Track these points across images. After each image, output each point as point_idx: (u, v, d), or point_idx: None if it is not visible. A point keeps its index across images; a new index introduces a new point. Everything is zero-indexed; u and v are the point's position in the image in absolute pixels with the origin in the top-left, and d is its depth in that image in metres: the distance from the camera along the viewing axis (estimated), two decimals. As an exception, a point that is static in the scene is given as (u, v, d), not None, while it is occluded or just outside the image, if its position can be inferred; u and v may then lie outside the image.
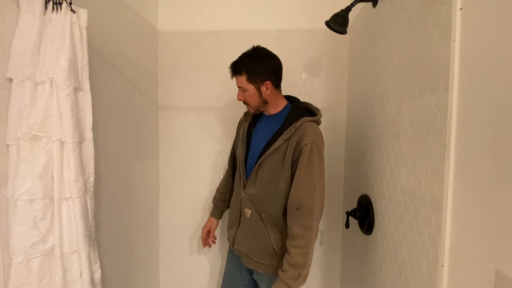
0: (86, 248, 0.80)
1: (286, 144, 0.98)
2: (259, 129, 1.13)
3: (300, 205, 0.94)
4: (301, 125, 0.98)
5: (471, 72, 0.58)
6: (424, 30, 0.74)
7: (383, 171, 0.98)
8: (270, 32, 1.50)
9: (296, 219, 0.95)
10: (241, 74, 1.05)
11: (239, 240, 1.11)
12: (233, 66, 1.08)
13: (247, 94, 1.06)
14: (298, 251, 0.93)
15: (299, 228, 0.94)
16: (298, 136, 0.96)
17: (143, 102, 1.41)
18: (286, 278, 0.92)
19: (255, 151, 1.08)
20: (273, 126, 1.06)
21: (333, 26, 1.08)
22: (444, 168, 0.64)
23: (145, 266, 1.46)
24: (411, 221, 0.78)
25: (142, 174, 1.40)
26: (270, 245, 1.03)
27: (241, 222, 1.11)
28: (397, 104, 0.89)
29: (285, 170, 0.98)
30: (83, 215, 0.78)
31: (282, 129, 1.01)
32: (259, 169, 1.04)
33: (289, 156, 0.97)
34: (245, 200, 1.08)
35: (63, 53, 0.74)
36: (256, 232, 1.06)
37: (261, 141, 1.07)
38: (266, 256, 1.04)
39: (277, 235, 1.03)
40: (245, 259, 1.10)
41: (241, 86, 1.06)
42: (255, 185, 1.05)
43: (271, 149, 1.00)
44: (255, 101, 1.07)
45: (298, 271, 0.92)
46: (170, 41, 1.55)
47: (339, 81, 1.49)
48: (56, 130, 0.75)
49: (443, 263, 0.64)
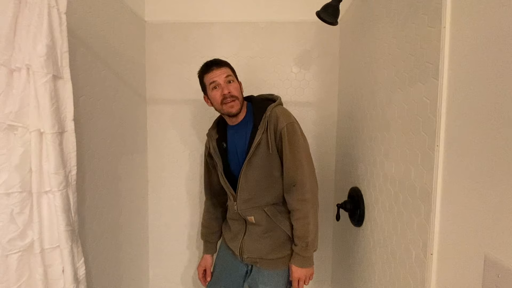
0: (68, 243, 0.76)
1: (265, 135, 1.01)
2: (231, 139, 1.10)
3: (294, 182, 1.00)
4: (270, 113, 1.02)
5: (461, 59, 0.58)
6: (414, 18, 0.73)
7: (373, 163, 0.98)
8: (260, 24, 1.48)
9: (291, 194, 1.01)
10: (226, 66, 1.06)
11: (248, 247, 1.07)
12: (216, 61, 1.06)
13: (234, 86, 1.04)
14: (299, 223, 0.99)
15: (295, 202, 1.00)
16: (272, 123, 1.01)
17: (130, 95, 1.37)
18: (298, 250, 1.00)
19: (236, 160, 1.08)
20: (245, 129, 1.07)
21: (324, 17, 1.07)
22: (433, 156, 0.63)
23: (134, 262, 1.43)
24: (401, 211, 0.78)
25: (129, 169, 1.36)
26: (282, 234, 1.05)
27: (248, 230, 1.09)
28: (387, 94, 0.88)
29: (274, 158, 1.02)
30: (65, 209, 0.75)
31: (256, 125, 1.03)
32: (246, 171, 1.03)
33: (272, 144, 1.01)
34: (242, 211, 1.06)
35: (41, 39, 0.70)
36: (266, 230, 1.05)
37: (239, 147, 1.07)
38: (278, 249, 1.05)
39: (285, 221, 1.05)
40: (260, 263, 1.06)
41: (229, 75, 1.04)
42: (248, 188, 1.04)
43: (253, 146, 1.01)
44: (240, 95, 1.06)
45: (305, 241, 0.99)
46: (158, 32, 1.51)
47: (330, 74, 1.48)
48: (34, 120, 0.71)
49: (432, 251, 0.64)
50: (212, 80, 1.03)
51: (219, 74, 1.03)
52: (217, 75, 1.03)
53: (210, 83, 1.04)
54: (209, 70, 1.04)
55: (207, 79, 1.05)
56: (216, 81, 1.03)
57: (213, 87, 1.04)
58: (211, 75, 1.04)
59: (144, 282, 1.57)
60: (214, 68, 1.04)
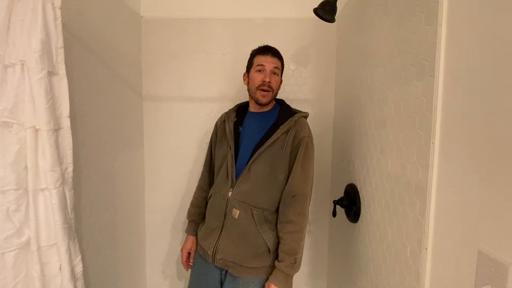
0: (65, 241, 0.76)
1: (284, 136, 1.02)
2: (248, 127, 1.11)
3: (295, 193, 0.99)
4: (298, 119, 1.05)
5: (457, 57, 0.58)
6: (411, 16, 0.74)
7: (370, 160, 0.99)
8: (257, 21, 1.47)
9: (291, 206, 0.99)
10: (279, 59, 1.09)
11: (222, 248, 1.00)
12: (275, 49, 1.09)
13: (276, 80, 1.08)
14: (292, 237, 0.97)
15: (294, 215, 0.98)
16: (296, 129, 1.03)
17: (126, 91, 1.36)
18: (283, 267, 0.95)
19: (247, 148, 1.06)
20: (265, 122, 1.08)
21: (321, 14, 1.07)
22: (429, 153, 0.64)
23: (131, 260, 1.43)
24: (397, 207, 0.79)
25: (126, 166, 1.36)
26: (263, 244, 0.99)
27: (225, 226, 1.02)
28: (384, 92, 0.89)
29: (283, 161, 1.01)
30: (61, 207, 0.74)
31: (278, 123, 1.05)
32: (254, 162, 1.01)
33: (287, 147, 1.01)
34: (234, 200, 1.01)
35: (35, 34, 0.69)
36: (245, 234, 0.99)
37: (253, 137, 1.07)
38: (257, 258, 0.99)
39: (270, 232, 1.00)
40: (233, 268, 1.00)
41: (277, 68, 1.08)
42: (248, 180, 1.01)
43: (269, 141, 1.01)
44: (277, 90, 1.10)
45: (294, 257, 0.95)
46: (154, 28, 1.49)
47: (327, 72, 1.49)
48: (29, 117, 0.70)
49: (427, 246, 0.65)
50: (261, 63, 1.06)
51: (270, 62, 1.06)
52: (268, 62, 1.06)
53: (258, 65, 1.07)
54: (264, 53, 1.07)
55: (258, 60, 1.08)
56: (264, 65, 1.06)
57: (259, 69, 1.07)
58: (263, 59, 1.06)
59: (142, 279, 1.57)
60: (270, 55, 1.07)
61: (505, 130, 0.46)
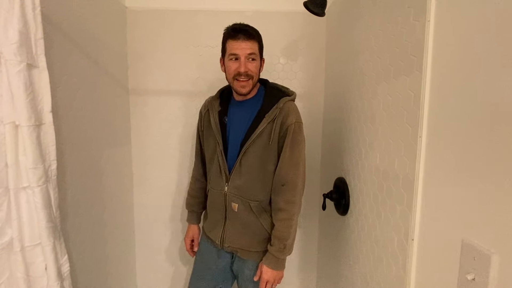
0: (50, 240, 0.74)
1: (270, 125, 0.98)
2: (233, 116, 1.06)
3: (285, 182, 0.98)
4: (283, 105, 0.99)
5: (445, 53, 0.59)
6: (400, 11, 0.74)
7: (359, 153, 1.01)
8: (247, 13, 1.45)
9: (281, 194, 0.99)
10: (255, 40, 0.97)
11: (229, 237, 1.05)
12: (247, 29, 0.97)
13: (254, 66, 0.97)
14: (282, 224, 0.98)
15: (283, 203, 0.98)
16: (282, 116, 0.98)
17: (112, 85, 1.31)
18: (273, 251, 0.99)
19: (235, 140, 1.03)
20: (250, 110, 1.03)
21: (311, 8, 1.06)
22: (416, 147, 0.66)
23: (120, 257, 1.41)
24: (385, 200, 0.81)
25: (113, 162, 1.32)
26: (265, 231, 1.03)
27: (228, 218, 1.05)
28: (373, 86, 0.90)
29: (271, 151, 0.99)
30: (45, 205, 0.72)
31: (263, 112, 0.99)
32: (243, 157, 1.00)
33: (274, 137, 0.98)
34: (231, 194, 1.03)
35: (12, 24, 0.65)
36: (247, 224, 1.03)
37: (239, 128, 1.03)
38: (261, 243, 1.04)
39: (270, 219, 1.04)
40: (241, 253, 1.06)
41: (253, 53, 0.96)
42: (241, 175, 1.01)
43: (255, 133, 0.98)
44: (257, 76, 1.00)
45: (283, 243, 0.98)
46: (140, 19, 1.44)
47: (317, 66, 1.49)
48: (8, 112, 0.66)
49: (414, 237, 0.67)
50: (234, 51, 0.95)
51: (243, 48, 0.95)
52: (241, 48, 0.95)
53: (231, 53, 0.96)
54: (235, 38, 0.95)
55: (230, 46, 0.97)
56: (237, 54, 0.95)
57: (232, 58, 0.97)
58: (235, 45, 0.95)
59: (131, 276, 1.56)
60: (241, 38, 0.95)
61: (490, 126, 0.48)
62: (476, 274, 0.48)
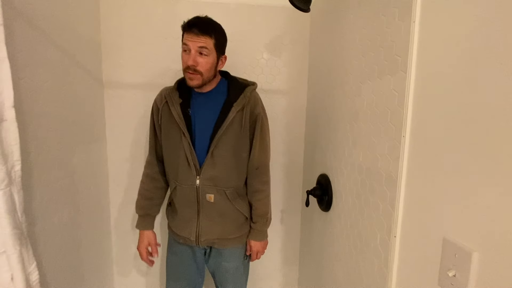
0: (16, 248, 0.67)
1: (240, 114, 1.03)
2: (198, 108, 1.05)
3: (258, 165, 1.08)
4: (250, 94, 1.05)
5: (429, 53, 0.60)
6: (385, 11, 0.74)
7: (342, 151, 1.02)
8: (231, 6, 1.41)
9: (256, 177, 1.09)
10: (210, 36, 0.95)
11: (205, 230, 1.06)
12: (203, 23, 0.94)
13: (205, 61, 0.96)
14: (261, 203, 1.10)
15: (260, 184, 1.09)
16: (250, 105, 1.04)
17: (85, 77, 1.22)
18: (258, 227, 1.11)
19: (203, 132, 1.02)
20: (215, 101, 1.04)
21: (297, 3, 1.04)
22: (400, 146, 0.67)
23: (96, 260, 1.34)
24: (367, 197, 0.82)
25: (86, 160, 1.24)
26: (241, 216, 1.11)
27: (202, 211, 1.06)
28: (357, 85, 0.90)
29: (244, 139, 1.05)
30: (9, 211, 0.65)
31: (230, 101, 1.03)
32: (216, 148, 1.00)
33: (245, 124, 1.03)
34: (204, 186, 1.03)
35: (-36, 6, 0.57)
36: (224, 212, 1.07)
37: (207, 119, 1.03)
38: (239, 228, 1.11)
39: (243, 203, 1.11)
40: (218, 243, 1.09)
41: (205, 48, 0.94)
42: (215, 165, 1.02)
43: (226, 122, 1.00)
44: (208, 72, 0.98)
45: (266, 218, 1.12)
46: (114, 8, 1.35)
47: (300, 62, 1.48)
48: (-39, 107, 0.59)
49: (396, 234, 0.69)
50: (185, 43, 0.95)
51: (195, 40, 0.93)
52: (192, 41, 0.94)
53: (183, 44, 0.97)
54: (188, 30, 0.94)
55: (184, 37, 0.96)
56: (188, 46, 0.95)
57: (185, 50, 0.97)
58: (187, 37, 0.94)
59: (109, 279, 1.49)
60: (194, 32, 0.93)
61: (472, 126, 0.49)
62: (457, 271, 0.50)
